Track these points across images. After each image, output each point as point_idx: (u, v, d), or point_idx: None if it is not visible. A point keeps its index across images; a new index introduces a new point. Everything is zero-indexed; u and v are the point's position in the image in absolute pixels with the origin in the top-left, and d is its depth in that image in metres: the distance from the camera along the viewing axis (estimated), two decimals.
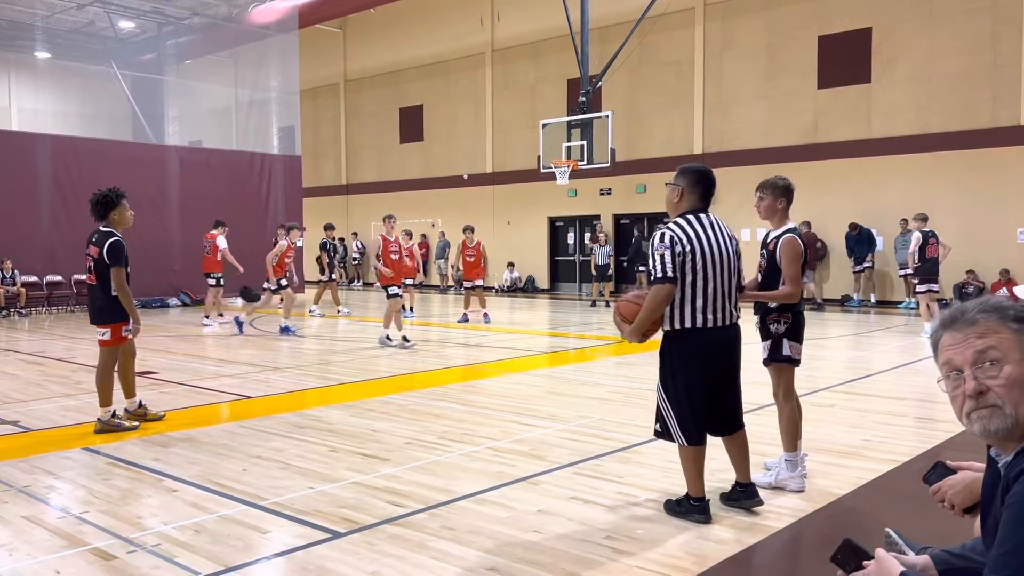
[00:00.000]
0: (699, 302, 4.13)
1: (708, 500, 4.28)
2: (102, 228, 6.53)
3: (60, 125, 21.36)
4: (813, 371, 9.22)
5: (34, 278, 17.59)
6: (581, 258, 22.75)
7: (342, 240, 28.96)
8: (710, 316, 4.15)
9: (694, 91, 20.56)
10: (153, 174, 19.25)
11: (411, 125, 26.97)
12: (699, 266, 4.11)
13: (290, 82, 22.75)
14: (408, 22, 25.79)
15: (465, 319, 14.90)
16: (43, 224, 17.69)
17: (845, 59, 18.25)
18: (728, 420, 4.35)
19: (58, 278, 17.96)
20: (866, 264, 17.87)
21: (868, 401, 7.46)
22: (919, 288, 12.36)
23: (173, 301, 19.34)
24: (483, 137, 24.96)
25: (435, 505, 4.50)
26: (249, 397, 7.86)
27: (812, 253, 17.56)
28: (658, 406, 4.30)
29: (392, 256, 11.75)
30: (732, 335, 4.27)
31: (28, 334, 13.96)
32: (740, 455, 4.40)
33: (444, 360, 10.20)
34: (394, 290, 11.58)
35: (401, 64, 26.75)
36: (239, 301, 19.54)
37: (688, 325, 4.15)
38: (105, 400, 6.46)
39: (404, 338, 11.41)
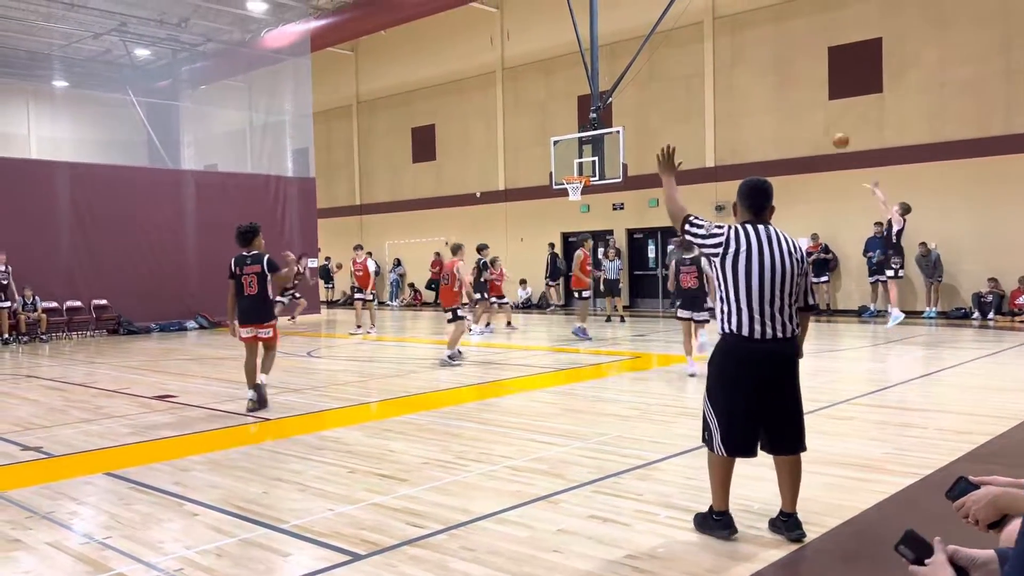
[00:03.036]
0: (744, 308, 4.11)
1: (731, 515, 4.25)
2: (247, 252, 8.26)
3: (78, 152, 21.69)
4: (832, 383, 9.16)
5: (54, 304, 17.78)
6: (595, 273, 22.73)
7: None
8: (757, 327, 4.09)
9: (704, 105, 20.59)
10: (170, 198, 19.47)
11: (423, 144, 27.14)
12: (741, 272, 4.09)
13: (303, 105, 22.99)
14: (419, 43, 26.02)
15: (583, 333, 14.55)
16: (62, 250, 17.92)
17: (856, 69, 18.23)
18: (776, 439, 4.19)
19: (78, 303, 18.13)
20: (883, 275, 17.65)
21: (887, 413, 7.40)
22: (900, 273, 12.51)
23: (191, 324, 19.48)
24: (495, 155, 25.07)
25: (454, 526, 4.50)
26: (267, 419, 7.90)
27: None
28: (703, 413, 4.30)
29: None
30: (781, 350, 4.13)
31: (49, 360, 14.09)
32: (788, 482, 4.21)
33: (460, 378, 10.21)
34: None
35: (412, 84, 26.96)
36: None
37: (733, 330, 4.14)
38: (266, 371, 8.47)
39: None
